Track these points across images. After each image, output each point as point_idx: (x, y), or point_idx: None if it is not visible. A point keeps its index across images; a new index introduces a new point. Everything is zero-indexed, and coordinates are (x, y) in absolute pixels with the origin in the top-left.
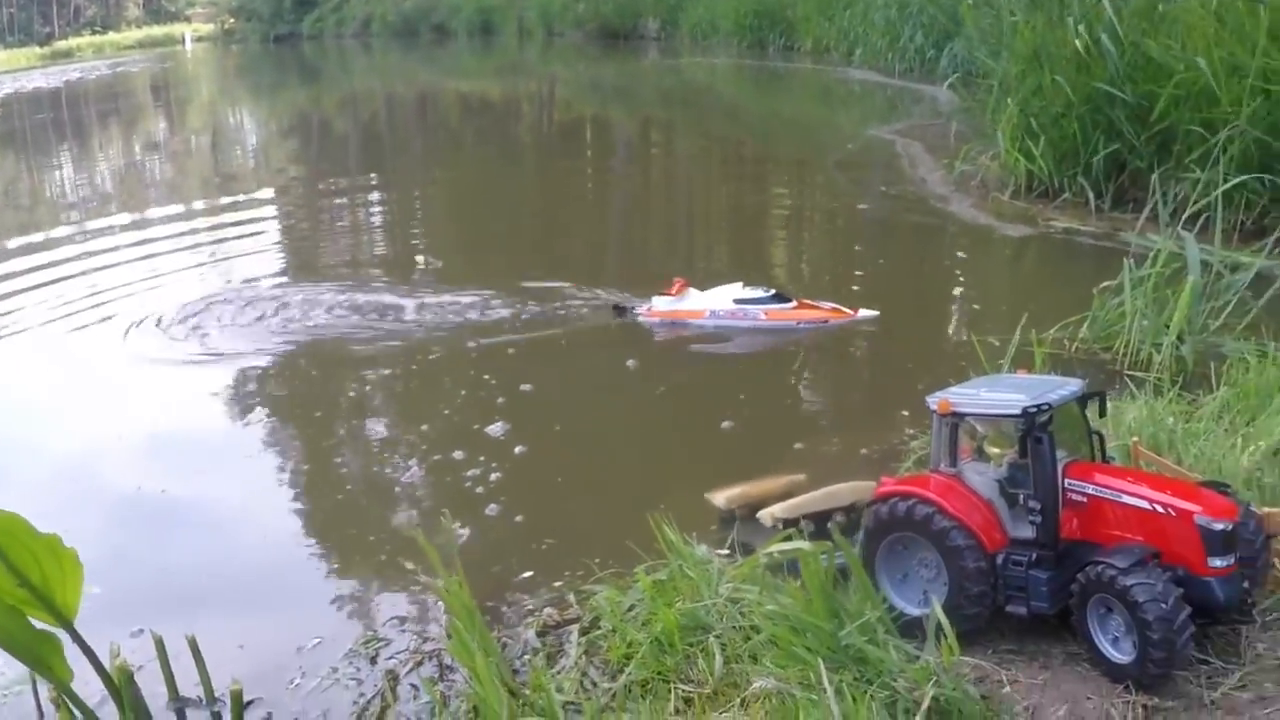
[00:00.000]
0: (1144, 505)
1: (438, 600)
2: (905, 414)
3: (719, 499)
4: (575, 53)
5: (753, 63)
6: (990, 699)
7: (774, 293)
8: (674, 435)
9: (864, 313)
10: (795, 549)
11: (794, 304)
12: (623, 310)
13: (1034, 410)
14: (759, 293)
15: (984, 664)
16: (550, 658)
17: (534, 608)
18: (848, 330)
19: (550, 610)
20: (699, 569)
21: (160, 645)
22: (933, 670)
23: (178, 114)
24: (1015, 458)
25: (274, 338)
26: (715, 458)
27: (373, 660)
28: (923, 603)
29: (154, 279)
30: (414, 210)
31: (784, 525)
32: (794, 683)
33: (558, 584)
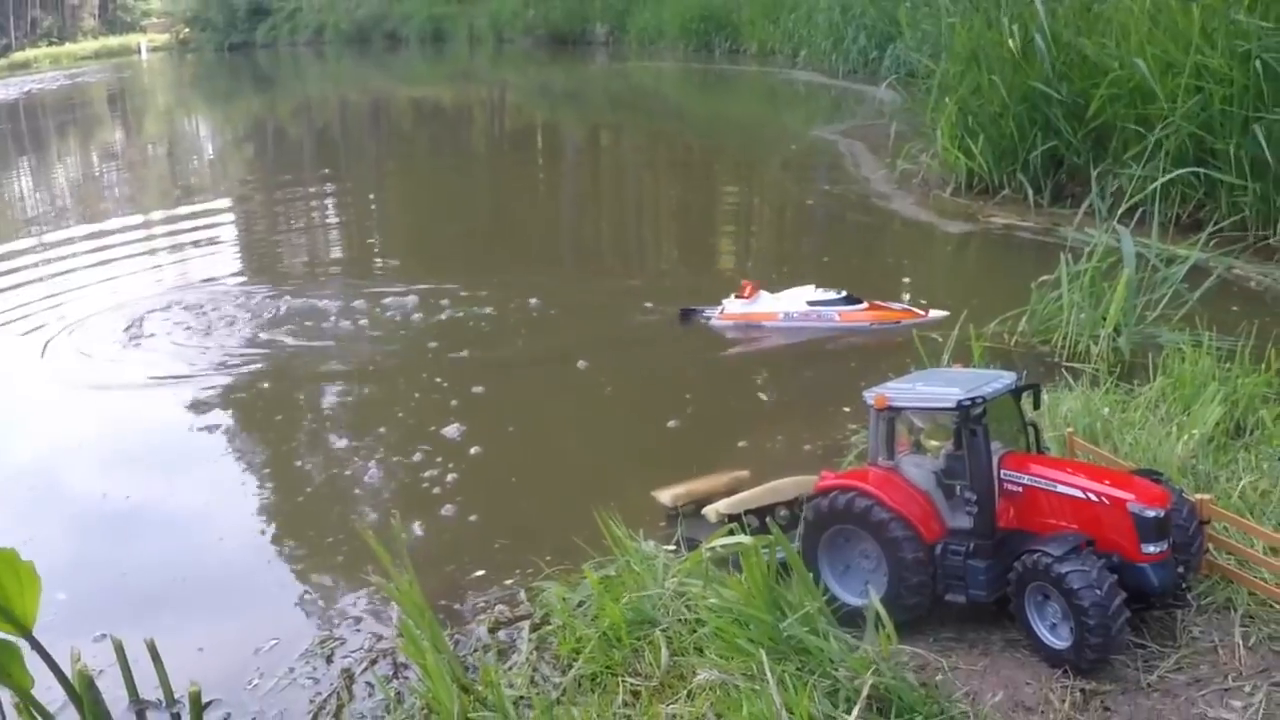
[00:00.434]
0: (1078, 494)
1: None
2: (847, 410)
3: (665, 496)
4: (525, 58)
5: (699, 66)
6: (930, 686)
7: (845, 295)
8: (622, 435)
9: (935, 313)
10: (736, 543)
11: (865, 305)
12: (690, 315)
13: (968, 403)
14: (831, 295)
15: (924, 652)
16: (502, 654)
17: (486, 605)
18: (792, 330)
19: (502, 607)
20: (645, 565)
21: (120, 650)
22: (872, 659)
23: (135, 123)
24: (951, 450)
25: (232, 342)
26: (662, 456)
27: (329, 660)
28: (864, 593)
29: (111, 282)
30: (368, 213)
31: (728, 520)
32: (737, 674)
33: (509, 581)
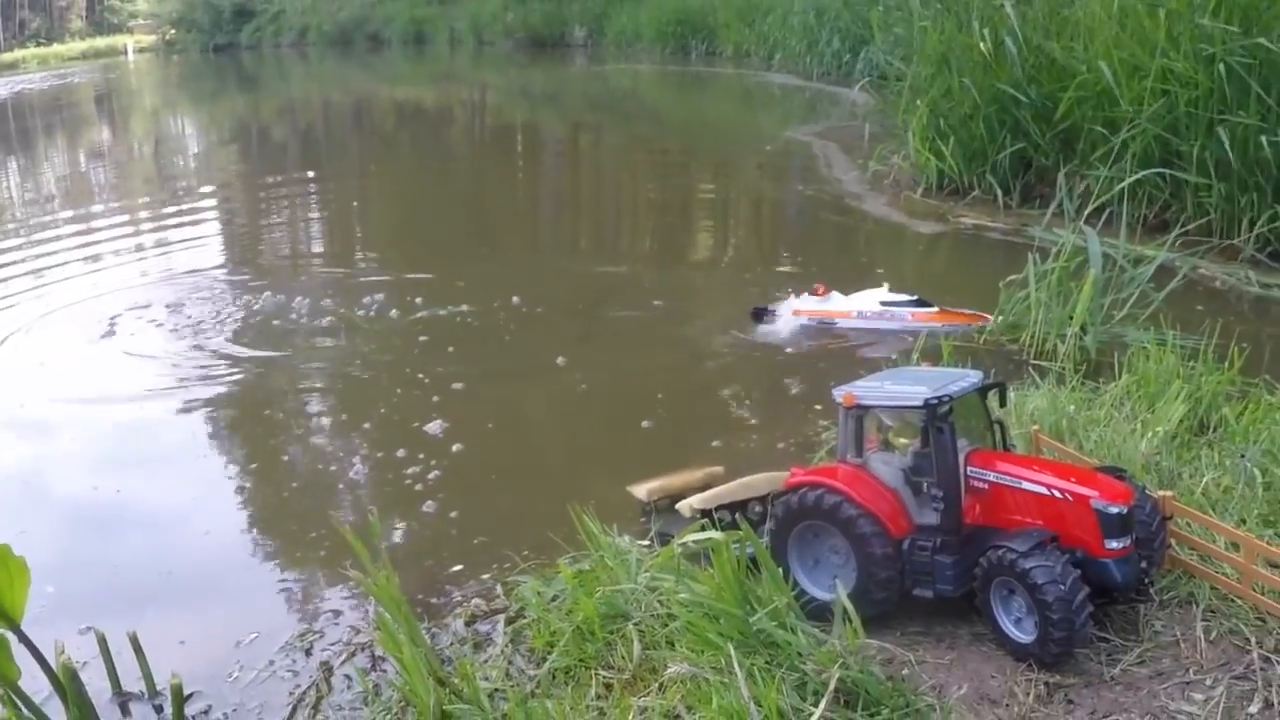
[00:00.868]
0: (1043, 491)
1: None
2: (818, 408)
3: (640, 491)
4: (505, 60)
5: (676, 68)
6: (897, 679)
7: (917, 298)
8: (599, 432)
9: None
10: (708, 539)
11: (936, 309)
12: (762, 313)
13: (935, 402)
14: (903, 297)
15: (891, 646)
16: (478, 647)
17: (463, 599)
18: (763, 330)
19: (478, 601)
20: (619, 559)
21: (103, 642)
22: (839, 653)
23: (122, 122)
24: (919, 448)
25: (216, 339)
26: (637, 453)
27: (308, 653)
28: (833, 588)
29: (96, 276)
30: (350, 210)
31: (701, 515)
32: (708, 667)
33: (486, 576)
